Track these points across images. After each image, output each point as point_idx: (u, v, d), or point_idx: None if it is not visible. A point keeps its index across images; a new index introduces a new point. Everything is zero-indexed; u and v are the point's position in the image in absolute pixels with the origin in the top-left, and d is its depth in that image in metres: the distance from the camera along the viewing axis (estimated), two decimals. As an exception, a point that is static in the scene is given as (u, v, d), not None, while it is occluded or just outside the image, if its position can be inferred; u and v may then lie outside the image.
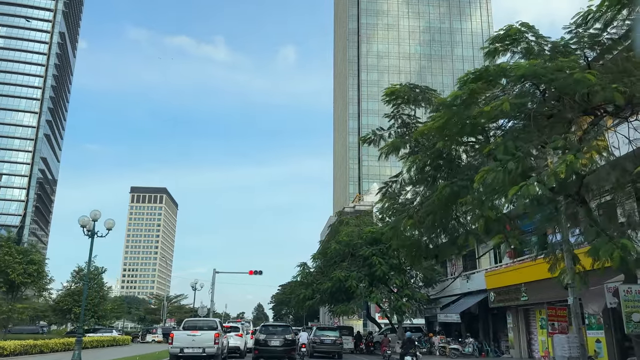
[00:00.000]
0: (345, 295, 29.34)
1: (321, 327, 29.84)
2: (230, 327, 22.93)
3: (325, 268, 31.53)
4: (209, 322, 17.84)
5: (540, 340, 22.50)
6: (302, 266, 32.45)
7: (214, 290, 36.47)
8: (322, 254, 32.35)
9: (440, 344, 27.72)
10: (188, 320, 18.69)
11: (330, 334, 25.57)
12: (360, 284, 28.00)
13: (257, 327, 31.06)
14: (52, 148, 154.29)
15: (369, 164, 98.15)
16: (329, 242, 34.15)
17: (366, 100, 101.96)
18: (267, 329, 21.03)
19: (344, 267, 29.11)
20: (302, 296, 31.10)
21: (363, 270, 28.63)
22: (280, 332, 20.85)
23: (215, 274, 36.89)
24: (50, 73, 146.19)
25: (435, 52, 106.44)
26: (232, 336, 21.37)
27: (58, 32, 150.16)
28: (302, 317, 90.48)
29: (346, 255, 30.40)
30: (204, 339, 16.13)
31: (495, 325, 28.06)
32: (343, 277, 27.95)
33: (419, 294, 28.07)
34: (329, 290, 28.92)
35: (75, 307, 36.72)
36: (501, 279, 24.28)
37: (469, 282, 26.67)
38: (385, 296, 28.09)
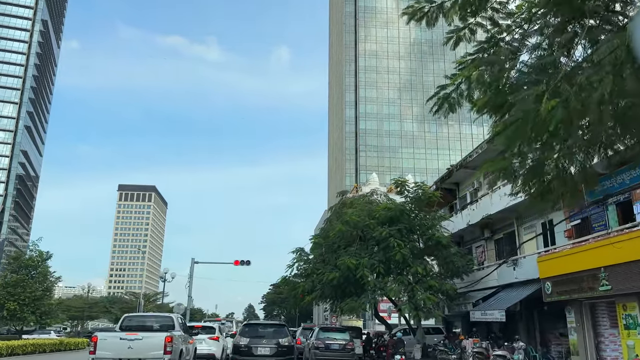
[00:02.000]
0: (355, 287, 23.45)
1: (326, 327, 23.71)
2: (202, 327, 17.02)
3: (328, 255, 25.52)
4: (160, 319, 11.96)
5: (625, 344, 16.65)
6: (298, 252, 26.28)
7: (192, 283, 30.37)
8: (324, 238, 26.25)
9: (475, 348, 21.83)
10: (128, 316, 12.44)
11: (338, 337, 19.49)
12: (375, 273, 22.10)
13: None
14: (34, 141, 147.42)
15: (366, 155, 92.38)
16: (332, 225, 28.18)
17: (364, 87, 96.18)
18: (251, 329, 15.09)
19: (352, 253, 23.06)
20: (300, 290, 25.02)
21: (377, 256, 22.71)
22: (272, 334, 15.05)
23: (193, 264, 30.88)
24: (31, 62, 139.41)
25: (436, 38, 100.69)
26: (205, 340, 15.49)
27: (40, 19, 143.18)
28: (295, 318, 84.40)
29: (354, 239, 24.40)
30: (148, 345, 10.25)
31: (543, 324, 22.26)
32: (353, 265, 21.97)
33: (447, 286, 22.14)
34: (335, 282, 22.90)
35: (10, 302, 30.26)
36: (563, 264, 18.41)
37: (516, 270, 20.78)
38: (405, 288, 21.98)
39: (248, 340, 14.92)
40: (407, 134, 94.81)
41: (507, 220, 24.42)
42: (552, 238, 21.24)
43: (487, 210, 24.25)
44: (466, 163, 27.63)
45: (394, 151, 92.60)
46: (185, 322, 13.23)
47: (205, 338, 16.06)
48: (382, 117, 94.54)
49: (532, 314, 22.61)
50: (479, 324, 27.93)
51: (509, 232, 24.70)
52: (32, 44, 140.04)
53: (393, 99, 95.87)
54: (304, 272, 25.71)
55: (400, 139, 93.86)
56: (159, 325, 11.48)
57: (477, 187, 27.97)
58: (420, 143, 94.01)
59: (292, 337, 15.93)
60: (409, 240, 22.70)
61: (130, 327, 11.41)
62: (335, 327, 24.41)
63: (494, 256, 26.21)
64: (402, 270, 22.92)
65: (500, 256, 25.86)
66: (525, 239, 22.97)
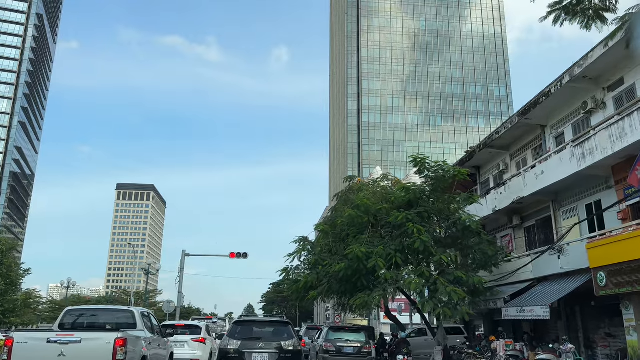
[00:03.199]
0: (366, 280, 20.29)
1: (337, 326, 20.43)
2: (185, 326, 13.79)
3: (335, 244, 22.32)
4: (117, 315, 8.76)
5: None
6: (302, 242, 23.01)
7: (182, 278, 27.15)
8: (331, 226, 23.03)
9: (508, 351, 18.73)
10: (72, 310, 8.94)
11: (352, 339, 16.30)
12: (390, 264, 18.94)
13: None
14: (29, 138, 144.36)
15: (369, 149, 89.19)
16: (338, 212, 25.02)
17: (367, 79, 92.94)
18: (244, 329, 11.71)
19: (363, 241, 19.83)
20: (303, 284, 21.83)
21: (392, 245, 19.54)
22: (271, 335, 11.93)
23: (184, 257, 27.73)
24: (26, 57, 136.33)
25: (442, 28, 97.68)
26: (188, 342, 12.38)
27: (35, 13, 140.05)
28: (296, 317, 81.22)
29: (365, 226, 21.18)
30: (88, 350, 7.22)
31: (587, 323, 19.13)
32: (364, 255, 18.78)
33: (476, 279, 18.95)
34: (342, 274, 19.71)
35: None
36: (621, 251, 15.29)
37: (561, 259, 17.60)
38: (426, 281, 18.71)
39: (239, 343, 11.13)
40: (412, 127, 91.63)
41: (542, 204, 21.33)
42: (601, 221, 18.12)
43: (518, 194, 21.13)
44: (491, 142, 24.54)
45: (398, 145, 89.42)
46: (155, 319, 9.95)
47: (188, 340, 12.89)
48: (385, 110, 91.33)
49: (573, 310, 19.50)
50: (504, 323, 24.83)
51: (544, 217, 21.59)
52: (26, 39, 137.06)
53: (397, 91, 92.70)
54: (307, 263, 22.51)
55: (405, 133, 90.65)
56: (114, 322, 8.42)
57: (504, 168, 24.87)
58: (425, 136, 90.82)
59: (298, 338, 12.38)
60: (430, 225, 19.51)
61: (75, 324, 8.33)
62: (349, 326, 20.97)
63: (524, 246, 23.10)
64: (422, 260, 19.76)
65: (530, 246, 22.76)
66: (564, 224, 19.85)
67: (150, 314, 9.90)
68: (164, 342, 10.10)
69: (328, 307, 76.20)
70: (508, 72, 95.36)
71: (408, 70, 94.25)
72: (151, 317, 9.86)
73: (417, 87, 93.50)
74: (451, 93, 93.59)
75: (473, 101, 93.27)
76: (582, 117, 19.18)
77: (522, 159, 23.51)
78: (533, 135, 22.50)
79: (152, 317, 9.93)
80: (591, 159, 16.43)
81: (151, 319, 9.79)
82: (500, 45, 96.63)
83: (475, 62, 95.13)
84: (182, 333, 13.39)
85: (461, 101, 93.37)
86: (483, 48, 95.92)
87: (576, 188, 19.06)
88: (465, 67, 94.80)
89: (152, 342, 8.93)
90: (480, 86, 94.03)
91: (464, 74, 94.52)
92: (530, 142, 22.90)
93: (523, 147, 23.51)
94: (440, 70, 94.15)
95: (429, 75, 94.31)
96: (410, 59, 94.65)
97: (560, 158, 18.15)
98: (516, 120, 21.86)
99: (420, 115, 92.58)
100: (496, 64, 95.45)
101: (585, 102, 18.64)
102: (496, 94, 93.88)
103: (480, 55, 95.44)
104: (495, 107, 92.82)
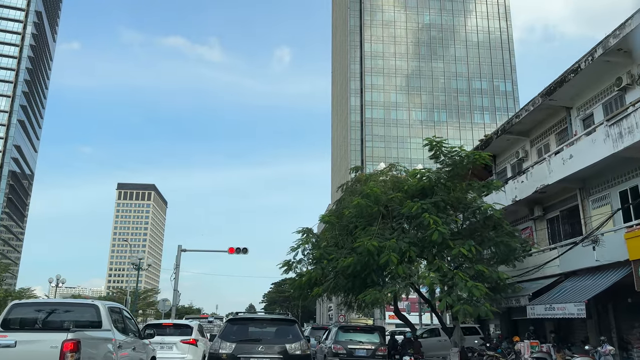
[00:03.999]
0: (377, 276, 18.53)
1: (347, 326, 18.51)
2: (174, 326, 11.99)
3: (342, 237, 20.58)
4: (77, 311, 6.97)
5: None
6: (305, 233, 21.21)
7: (178, 275, 25.42)
8: (337, 217, 21.28)
9: (535, 353, 16.99)
10: (19, 304, 7.04)
11: (364, 340, 14.51)
12: (404, 258, 17.22)
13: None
14: (28, 136, 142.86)
15: (373, 145, 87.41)
16: (343, 204, 23.33)
17: (370, 74, 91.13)
18: (240, 328, 9.82)
19: (373, 234, 18.08)
20: (307, 279, 20.06)
21: (406, 237, 17.80)
22: (274, 336, 10.01)
23: (180, 252, 26.02)
24: (25, 54, 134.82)
25: (446, 22, 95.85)
26: (176, 344, 10.64)
27: (34, 10, 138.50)
28: (299, 317, 79.47)
29: (375, 217, 19.43)
30: (27, 357, 5.50)
31: (621, 322, 17.37)
32: (375, 249, 17.04)
33: (500, 274, 17.18)
34: (351, 270, 17.97)
35: None
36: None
37: (596, 250, 15.81)
38: (444, 276, 16.93)
39: (233, 346, 9.12)
40: (416, 123, 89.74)
41: (567, 193, 19.58)
42: (637, 210, 16.36)
43: (541, 182, 19.36)
44: (510, 127, 22.79)
45: (402, 141, 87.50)
46: (130, 316, 8.13)
47: (177, 342, 11.13)
48: (389, 106, 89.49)
49: (605, 308, 17.74)
50: (521, 323, 23.09)
51: (569, 207, 19.83)
52: (25, 36, 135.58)
53: (400, 87, 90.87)
54: (311, 257, 20.75)
55: (409, 129, 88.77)
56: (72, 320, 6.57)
57: (523, 156, 23.11)
58: (430, 133, 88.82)
59: (307, 340, 10.38)
60: (447, 216, 17.77)
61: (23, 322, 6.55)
62: (361, 326, 18.96)
63: (546, 239, 21.34)
64: (439, 254, 18.02)
65: (554, 239, 21.00)
66: (594, 213, 18.09)
67: (122, 309, 8.08)
68: (142, 345, 8.32)
69: (331, 307, 74.42)
70: (514, 67, 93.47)
71: (412, 65, 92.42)
72: (124, 313, 8.03)
73: (422, 82, 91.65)
74: (456, 88, 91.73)
75: (478, 97, 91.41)
76: (615, 95, 17.42)
77: (545, 145, 21.75)
78: (557, 119, 20.75)
79: (125, 313, 8.10)
80: (630, 139, 14.65)
81: (124, 316, 7.97)
82: (506, 39, 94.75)
83: (480, 57, 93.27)
84: (170, 334, 11.67)
85: (466, 97, 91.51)
86: (488, 42, 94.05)
87: (608, 174, 17.30)
88: (471, 62, 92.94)
89: (124, 345, 7.15)
90: (486, 81, 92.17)
91: (469, 69, 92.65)
92: (553, 126, 21.15)
93: (545, 132, 21.75)
94: (445, 65, 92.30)
95: (434, 70, 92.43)
96: (414, 53, 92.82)
97: (592, 139, 16.39)
98: (539, 101, 20.10)
99: (425, 111, 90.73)
100: (502, 58, 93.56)
101: (620, 78, 16.88)
102: (502, 89, 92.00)
103: (486, 50, 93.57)
104: (501, 103, 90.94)
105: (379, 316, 50.45)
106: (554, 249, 19.43)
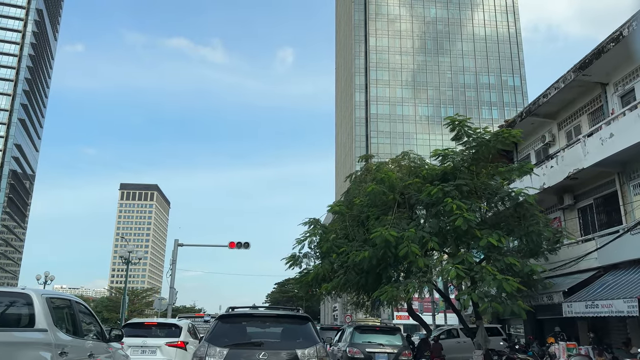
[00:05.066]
0: (394, 270, 16.62)
1: (364, 326, 16.39)
2: (158, 325, 10.08)
3: (352, 229, 18.62)
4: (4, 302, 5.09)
5: None
6: (312, 224, 19.27)
7: (174, 271, 23.52)
8: (348, 207, 19.36)
9: (573, 356, 15.05)
10: None
11: (385, 342, 12.56)
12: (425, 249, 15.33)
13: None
14: (29, 135, 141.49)
15: (378, 142, 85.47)
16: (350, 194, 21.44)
17: (375, 69, 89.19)
18: (236, 329, 7.27)
19: (388, 223, 16.15)
20: (314, 275, 18.16)
21: (427, 226, 15.92)
22: (280, 338, 7.42)
23: (177, 246, 24.20)
24: (25, 53, 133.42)
25: (453, 16, 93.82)
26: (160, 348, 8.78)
27: (35, 8, 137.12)
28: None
29: (390, 206, 17.50)
30: None
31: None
32: (393, 239, 15.12)
33: (534, 266, 15.25)
34: (365, 265, 16.05)
35: None
36: None
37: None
38: (470, 269, 15.00)
39: (225, 353, 6.70)
40: (422, 118, 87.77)
41: (603, 178, 17.66)
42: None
43: (575, 166, 17.43)
44: (536, 108, 20.85)
45: (408, 137, 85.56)
46: (88, 310, 6.09)
47: (162, 344, 9.18)
48: (394, 101, 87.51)
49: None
50: (547, 323, 21.16)
51: (606, 194, 17.91)
52: (26, 34, 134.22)
53: (406, 82, 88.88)
54: (319, 251, 18.84)
55: (415, 125, 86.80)
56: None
57: (549, 140, 21.18)
58: (437, 128, 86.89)
59: (324, 344, 7.58)
60: (473, 202, 15.86)
61: None
62: (380, 326, 16.77)
63: (578, 230, 19.40)
64: (463, 244, 16.11)
65: (586, 229, 19.07)
66: (636, 199, 16.17)
67: (74, 302, 5.97)
68: (105, 350, 6.38)
69: (335, 307, 72.42)
70: (522, 62, 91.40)
71: (418, 59, 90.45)
72: (77, 308, 5.93)
73: (428, 77, 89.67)
74: (463, 83, 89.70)
75: (486, 91, 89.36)
76: (663, 65, 15.51)
77: (575, 127, 19.82)
78: (590, 97, 18.81)
79: (79, 308, 6.04)
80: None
81: (77, 311, 5.90)
82: (514, 33, 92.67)
83: (488, 51, 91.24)
84: (154, 335, 9.78)
85: (474, 92, 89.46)
86: (496, 36, 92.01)
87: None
88: (478, 57, 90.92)
89: (74, 350, 5.17)
90: (494, 76, 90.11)
91: (477, 63, 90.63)
92: (586, 105, 19.21)
93: (576, 113, 19.81)
94: (452, 60, 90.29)
95: (440, 65, 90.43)
96: (421, 48, 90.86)
97: (638, 114, 14.48)
98: (571, 77, 18.16)
99: (431, 106, 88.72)
100: (510, 52, 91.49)
101: (669, 45, 14.95)
102: (510, 84, 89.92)
103: (493, 43, 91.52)
104: (510, 98, 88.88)
105: (386, 316, 48.45)
106: (588, 241, 17.51)
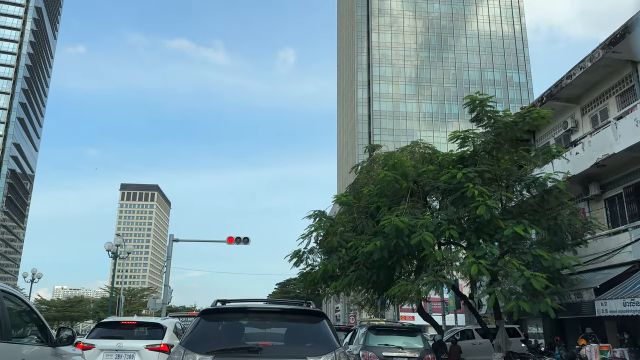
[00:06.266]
0: (407, 262, 15.15)
1: (380, 327, 14.63)
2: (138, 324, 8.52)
3: (361, 221, 17.09)
4: None
5: None
6: (318, 217, 17.79)
7: (169, 268, 22.11)
8: (355, 197, 17.88)
9: (608, 359, 13.58)
10: None
11: (405, 345, 11.03)
12: (442, 239, 13.87)
13: None
14: (28, 134, 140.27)
15: (381, 139, 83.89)
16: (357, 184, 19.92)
17: (378, 65, 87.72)
18: (224, 328, 4.82)
19: (401, 212, 14.67)
20: (321, 272, 16.60)
21: (443, 214, 14.46)
22: (285, 341, 4.92)
23: (172, 242, 22.83)
24: (24, 51, 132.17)
25: (457, 12, 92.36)
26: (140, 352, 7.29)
27: (34, 6, 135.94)
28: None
29: (402, 195, 16.03)
30: None
31: None
32: (406, 226, 13.63)
33: (564, 260, 13.77)
34: (377, 256, 14.52)
35: None
36: None
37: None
38: (492, 263, 13.53)
39: (211, 358, 4.39)
40: (426, 115, 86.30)
41: (633, 166, 16.21)
42: None
43: (604, 151, 15.96)
44: (558, 91, 19.36)
45: (412, 135, 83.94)
46: (26, 307, 4.60)
47: (141, 348, 7.67)
48: (398, 98, 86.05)
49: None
50: (568, 323, 19.69)
51: (636, 183, 16.42)
52: (24, 32, 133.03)
53: (410, 78, 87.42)
54: (326, 245, 17.32)
55: (418, 122, 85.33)
56: None
57: (572, 126, 19.69)
58: (441, 126, 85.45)
59: (344, 349, 5.05)
60: (496, 189, 14.39)
61: None
62: (398, 326, 15.10)
63: (605, 222, 17.92)
64: (485, 235, 14.60)
65: (614, 222, 17.60)
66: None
67: (7, 294, 4.36)
68: (48, 355, 4.85)
69: (338, 307, 70.92)
70: (527, 58, 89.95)
71: (421, 55, 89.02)
72: (4, 303, 4.32)
73: (432, 73, 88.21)
74: (468, 80, 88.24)
75: (491, 88, 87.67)
76: None
77: (601, 111, 18.34)
78: (619, 77, 17.34)
79: (7, 304, 4.36)
80: None
81: (3, 308, 4.27)
82: (519, 29, 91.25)
83: (492, 47, 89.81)
84: (134, 336, 8.26)
85: (478, 88, 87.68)
86: (501, 32, 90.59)
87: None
88: (483, 53, 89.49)
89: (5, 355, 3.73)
90: (499, 72, 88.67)
91: (481, 59, 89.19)
92: (614, 86, 17.73)
93: (602, 95, 18.33)
94: (456, 56, 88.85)
95: (444, 61, 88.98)
96: (424, 43, 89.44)
97: (681, 90, 13.01)
98: (600, 55, 16.68)
99: (435, 103, 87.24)
100: (515, 49, 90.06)
101: None
102: (515, 80, 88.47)
103: (498, 39, 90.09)
104: (515, 94, 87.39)
105: (391, 317, 46.91)
106: (619, 233, 16.03)
